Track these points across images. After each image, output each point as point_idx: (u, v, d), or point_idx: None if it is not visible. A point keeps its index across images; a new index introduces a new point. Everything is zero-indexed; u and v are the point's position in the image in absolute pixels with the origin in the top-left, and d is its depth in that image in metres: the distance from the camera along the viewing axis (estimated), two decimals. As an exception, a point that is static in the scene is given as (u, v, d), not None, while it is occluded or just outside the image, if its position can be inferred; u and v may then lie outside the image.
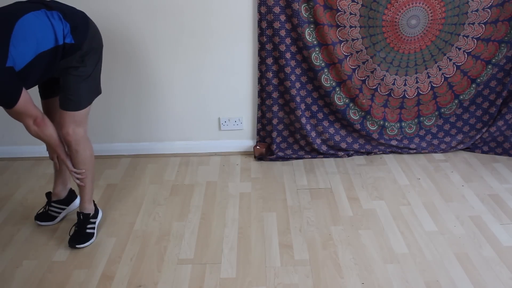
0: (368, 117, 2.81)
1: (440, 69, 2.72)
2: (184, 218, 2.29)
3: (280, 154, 2.85)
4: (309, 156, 2.86)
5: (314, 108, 2.77)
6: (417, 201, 2.40)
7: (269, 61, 2.63)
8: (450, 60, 2.69)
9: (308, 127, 2.78)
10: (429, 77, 2.74)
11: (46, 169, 2.79)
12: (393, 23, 2.58)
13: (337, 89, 2.71)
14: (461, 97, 2.80)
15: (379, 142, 2.87)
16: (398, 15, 2.55)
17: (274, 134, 2.82)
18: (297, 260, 1.98)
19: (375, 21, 2.57)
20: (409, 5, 2.52)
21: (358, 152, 2.88)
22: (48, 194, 2.26)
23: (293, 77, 2.66)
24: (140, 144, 2.92)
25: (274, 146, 2.85)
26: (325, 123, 2.82)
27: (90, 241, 2.10)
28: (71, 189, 2.30)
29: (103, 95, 2.78)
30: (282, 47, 2.57)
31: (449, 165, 2.75)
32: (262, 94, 2.74)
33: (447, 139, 2.90)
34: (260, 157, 2.86)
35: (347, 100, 2.75)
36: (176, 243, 2.10)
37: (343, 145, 2.85)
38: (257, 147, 2.87)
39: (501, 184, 2.54)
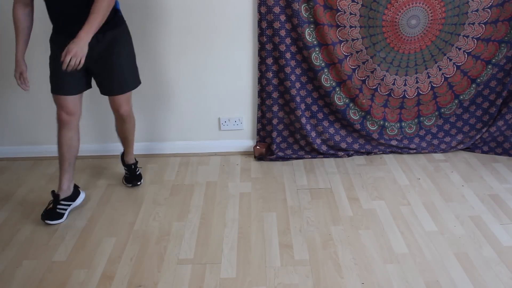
0: (368, 117, 2.81)
1: (440, 69, 2.72)
2: (184, 218, 2.29)
3: (280, 154, 2.85)
4: (309, 156, 2.86)
5: (314, 108, 2.77)
6: (417, 201, 2.40)
7: (269, 61, 2.63)
8: (450, 60, 2.69)
9: (308, 127, 2.78)
10: (429, 77, 2.74)
11: (46, 169, 2.79)
12: (393, 23, 2.58)
13: (337, 89, 2.71)
14: (461, 97, 2.80)
15: (379, 142, 2.87)
16: (398, 15, 2.55)
17: (274, 134, 2.82)
18: (297, 260, 1.98)
19: (375, 21, 2.57)
20: (409, 5, 2.52)
21: (358, 152, 2.88)
22: (54, 193, 2.27)
23: (293, 77, 2.66)
24: (140, 144, 2.92)
25: (274, 146, 2.85)
26: (325, 123, 2.82)
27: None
28: (75, 184, 2.36)
29: (103, 96, 2.79)
30: (282, 47, 2.57)
31: (449, 165, 2.75)
32: (262, 94, 2.74)
33: (447, 139, 2.90)
34: (260, 157, 2.86)
35: (347, 100, 2.75)
36: (176, 243, 2.10)
37: (343, 145, 2.85)
38: (257, 147, 2.87)
39: (501, 184, 2.54)
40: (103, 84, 2.21)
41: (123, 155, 2.58)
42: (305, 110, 2.76)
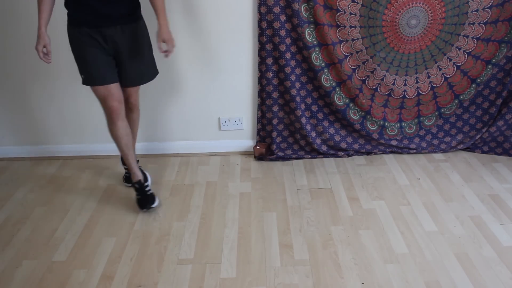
0: (368, 117, 2.81)
1: (440, 69, 2.72)
2: (184, 218, 2.29)
3: (280, 154, 2.85)
4: (309, 156, 2.86)
5: (314, 108, 2.77)
6: (417, 201, 2.40)
7: (269, 61, 2.63)
8: (450, 60, 2.69)
9: (308, 127, 2.78)
10: (429, 77, 2.74)
11: (46, 169, 2.79)
12: (393, 23, 2.58)
13: (337, 89, 2.71)
14: (461, 97, 2.80)
15: (379, 142, 2.87)
16: (398, 15, 2.55)
17: (274, 134, 2.82)
18: (297, 260, 1.98)
19: (375, 21, 2.57)
20: (409, 5, 2.52)
21: (358, 152, 2.88)
22: (133, 183, 2.34)
23: (293, 77, 2.66)
24: (140, 144, 2.92)
25: (274, 146, 2.84)
26: (325, 123, 2.82)
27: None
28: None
29: (103, 95, 2.79)
30: (282, 47, 2.57)
31: (449, 165, 2.75)
32: (262, 94, 2.74)
33: (447, 139, 2.90)
34: (260, 157, 2.86)
35: (347, 100, 2.75)
36: (176, 243, 2.10)
37: (343, 145, 2.85)
38: (257, 147, 2.87)
39: (501, 184, 2.54)
40: (127, 75, 2.18)
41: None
42: (305, 110, 2.76)
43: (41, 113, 2.83)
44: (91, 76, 2.07)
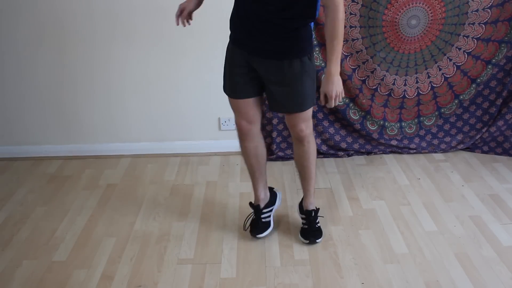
0: (368, 117, 2.81)
1: (440, 69, 2.72)
2: (184, 218, 2.29)
3: (280, 154, 2.85)
4: (309, 156, 2.85)
5: (314, 108, 2.77)
6: (417, 201, 2.40)
7: (269, 61, 2.63)
8: (450, 60, 2.69)
9: (308, 127, 2.77)
10: (429, 77, 2.74)
11: (46, 169, 2.79)
12: (393, 23, 2.58)
13: (337, 89, 2.71)
14: (461, 97, 2.80)
15: (379, 142, 2.87)
16: (398, 15, 2.55)
17: (274, 134, 2.82)
18: (297, 260, 1.98)
19: (375, 21, 2.57)
20: (409, 5, 2.52)
21: (358, 152, 2.88)
22: (252, 205, 2.15)
23: (293, 77, 2.66)
24: (140, 144, 2.92)
25: (274, 146, 2.84)
26: (325, 123, 2.81)
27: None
28: (269, 187, 2.21)
29: (104, 95, 2.79)
30: (282, 47, 2.57)
31: (449, 165, 2.75)
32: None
33: (447, 139, 2.90)
34: (260, 157, 2.85)
35: (347, 100, 2.75)
36: (176, 243, 2.10)
37: (343, 145, 2.85)
38: (257, 147, 2.86)
39: (501, 184, 2.54)
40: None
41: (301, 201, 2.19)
42: (305, 110, 2.76)
43: (42, 113, 2.83)
44: (226, 87, 1.96)
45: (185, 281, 1.87)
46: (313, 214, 2.09)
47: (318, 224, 2.11)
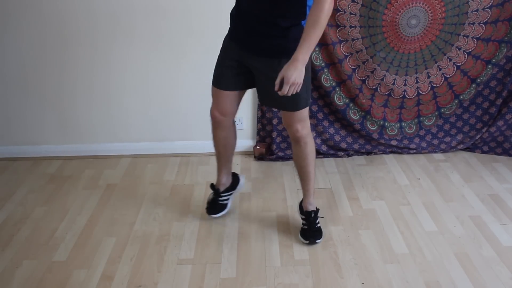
0: (368, 117, 2.81)
1: (440, 69, 2.72)
2: (184, 218, 2.29)
3: (280, 154, 2.85)
4: (309, 156, 2.85)
5: (314, 108, 2.77)
6: (417, 201, 2.40)
7: (269, 61, 2.63)
8: (450, 60, 2.69)
9: (308, 127, 2.78)
10: (429, 77, 2.74)
11: (46, 169, 2.79)
12: (393, 23, 2.57)
13: (337, 89, 2.71)
14: (461, 97, 2.80)
15: (379, 142, 2.87)
16: (398, 15, 2.55)
17: (274, 134, 2.82)
18: (297, 260, 1.98)
19: (375, 21, 2.57)
20: (409, 5, 2.52)
21: (358, 152, 2.88)
22: (213, 186, 2.26)
23: (293, 77, 2.65)
24: (140, 144, 2.92)
25: (274, 146, 2.84)
26: (325, 123, 2.81)
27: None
28: (233, 173, 2.30)
29: (103, 95, 2.79)
30: (282, 47, 2.57)
31: (449, 165, 2.75)
32: (262, 94, 2.74)
33: (447, 139, 2.90)
34: (260, 157, 2.86)
35: (347, 100, 2.75)
36: (176, 243, 2.10)
37: (343, 145, 2.85)
38: (257, 147, 2.87)
39: (501, 184, 2.54)
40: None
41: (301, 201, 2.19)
42: (305, 110, 2.76)
43: (42, 113, 2.83)
44: (213, 76, 2.04)
45: (185, 281, 1.87)
46: (312, 215, 2.10)
47: (318, 225, 2.12)
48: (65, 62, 2.68)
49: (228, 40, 1.92)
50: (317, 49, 2.58)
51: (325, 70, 2.64)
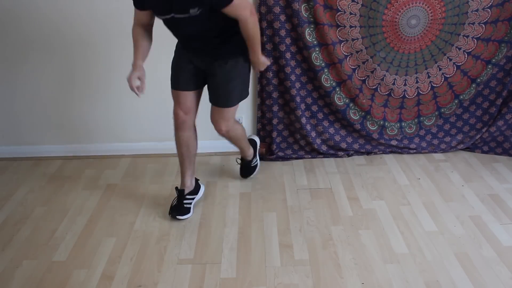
0: (368, 117, 2.81)
1: (440, 69, 2.72)
2: (184, 218, 2.29)
3: (280, 154, 2.85)
4: (309, 156, 2.86)
5: (314, 108, 2.77)
6: (417, 201, 2.40)
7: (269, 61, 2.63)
8: (450, 60, 2.69)
9: (308, 127, 2.78)
10: (429, 77, 2.74)
11: (46, 169, 2.79)
12: (393, 23, 2.57)
13: (337, 89, 2.71)
14: (461, 97, 2.80)
15: (379, 142, 2.87)
16: (398, 15, 2.55)
17: (274, 134, 2.82)
18: (297, 260, 1.98)
19: (375, 21, 2.57)
20: (409, 5, 2.52)
21: (358, 152, 2.88)
22: (178, 189, 2.31)
23: (293, 77, 2.66)
24: (140, 144, 2.92)
25: (274, 146, 2.84)
26: (325, 123, 2.82)
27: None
28: (196, 178, 2.40)
29: (103, 95, 2.79)
30: (282, 47, 2.57)
31: (449, 165, 2.75)
32: (262, 94, 2.74)
33: (447, 139, 2.90)
34: (260, 157, 2.86)
35: (347, 100, 2.75)
36: (176, 243, 2.10)
37: (343, 145, 2.85)
38: (257, 147, 2.87)
39: (501, 184, 2.54)
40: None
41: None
42: (305, 110, 2.76)
43: (42, 113, 2.83)
44: (171, 81, 2.20)
45: (185, 281, 1.87)
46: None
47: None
48: (66, 62, 2.68)
49: (180, 47, 2.14)
50: (317, 49, 2.58)
51: (325, 70, 2.64)
